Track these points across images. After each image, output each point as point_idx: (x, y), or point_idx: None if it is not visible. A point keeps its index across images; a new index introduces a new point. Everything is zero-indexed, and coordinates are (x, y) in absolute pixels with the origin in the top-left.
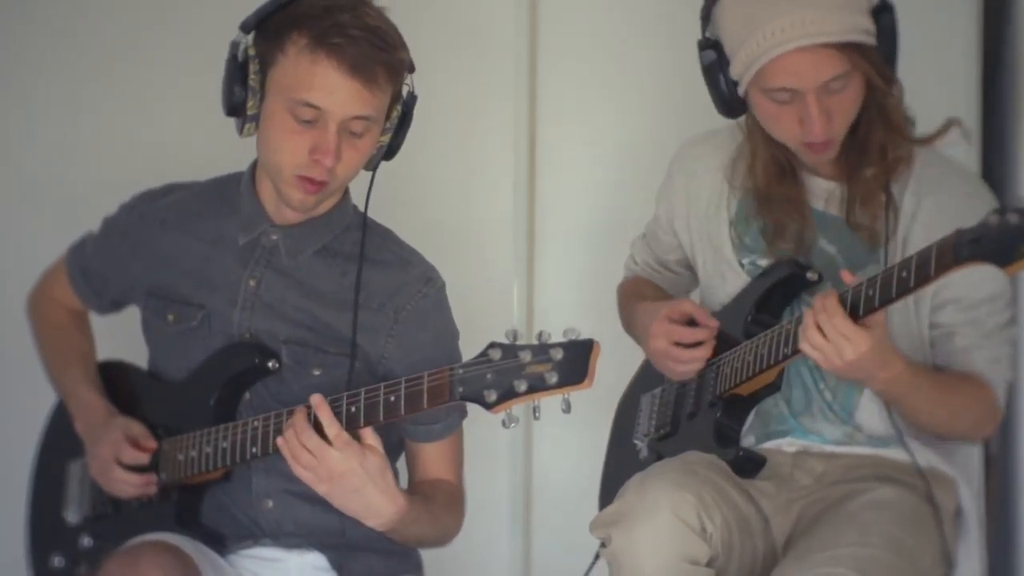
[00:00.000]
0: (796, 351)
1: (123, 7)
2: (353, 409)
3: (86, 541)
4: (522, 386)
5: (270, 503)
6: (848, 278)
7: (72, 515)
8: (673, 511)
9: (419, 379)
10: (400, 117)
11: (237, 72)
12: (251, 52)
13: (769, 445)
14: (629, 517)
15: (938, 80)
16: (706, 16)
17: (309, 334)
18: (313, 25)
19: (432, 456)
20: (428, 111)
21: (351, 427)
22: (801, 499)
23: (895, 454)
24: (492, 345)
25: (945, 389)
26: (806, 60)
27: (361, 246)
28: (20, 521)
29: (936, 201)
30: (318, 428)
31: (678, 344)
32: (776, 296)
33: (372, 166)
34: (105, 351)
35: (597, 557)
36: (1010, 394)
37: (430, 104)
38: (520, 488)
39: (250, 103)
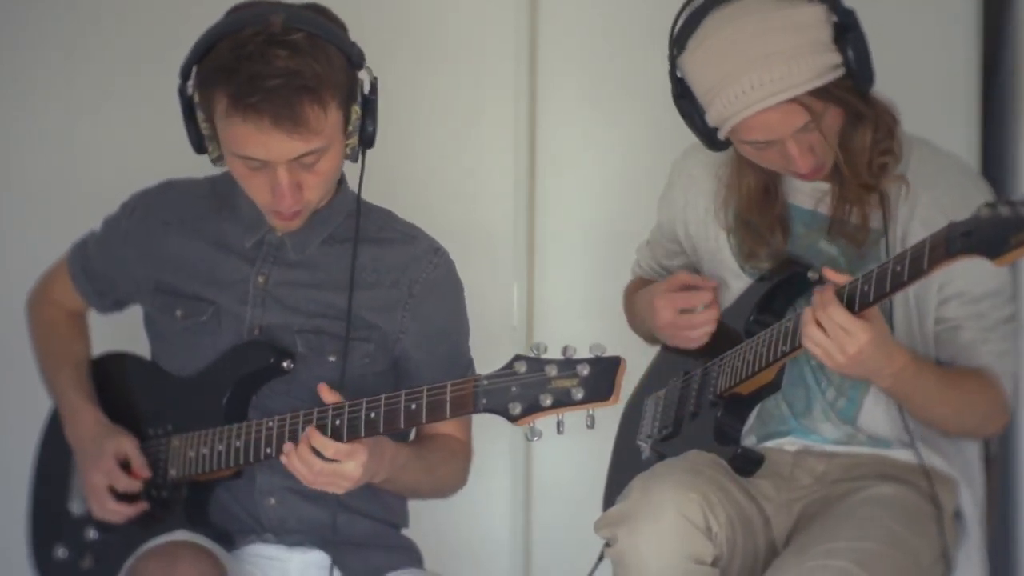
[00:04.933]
0: (794, 348)
1: (123, 8)
2: (372, 415)
3: (91, 533)
4: (547, 400)
5: (272, 500)
6: (832, 275)
7: (77, 506)
8: (678, 510)
9: (442, 388)
10: (363, 110)
11: (190, 118)
12: (196, 99)
13: (770, 445)
14: (634, 516)
15: (938, 80)
16: (673, 64)
17: (324, 321)
18: (230, 81)
19: None
20: (429, 113)
21: (370, 432)
22: (802, 499)
23: (896, 453)
24: (518, 358)
25: (952, 383)
26: (774, 116)
27: (356, 229)
28: (22, 512)
29: (933, 196)
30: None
31: (685, 312)
32: (778, 297)
33: (354, 159)
34: (107, 347)
35: (601, 558)
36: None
37: (431, 106)
38: (520, 488)
39: (210, 147)
